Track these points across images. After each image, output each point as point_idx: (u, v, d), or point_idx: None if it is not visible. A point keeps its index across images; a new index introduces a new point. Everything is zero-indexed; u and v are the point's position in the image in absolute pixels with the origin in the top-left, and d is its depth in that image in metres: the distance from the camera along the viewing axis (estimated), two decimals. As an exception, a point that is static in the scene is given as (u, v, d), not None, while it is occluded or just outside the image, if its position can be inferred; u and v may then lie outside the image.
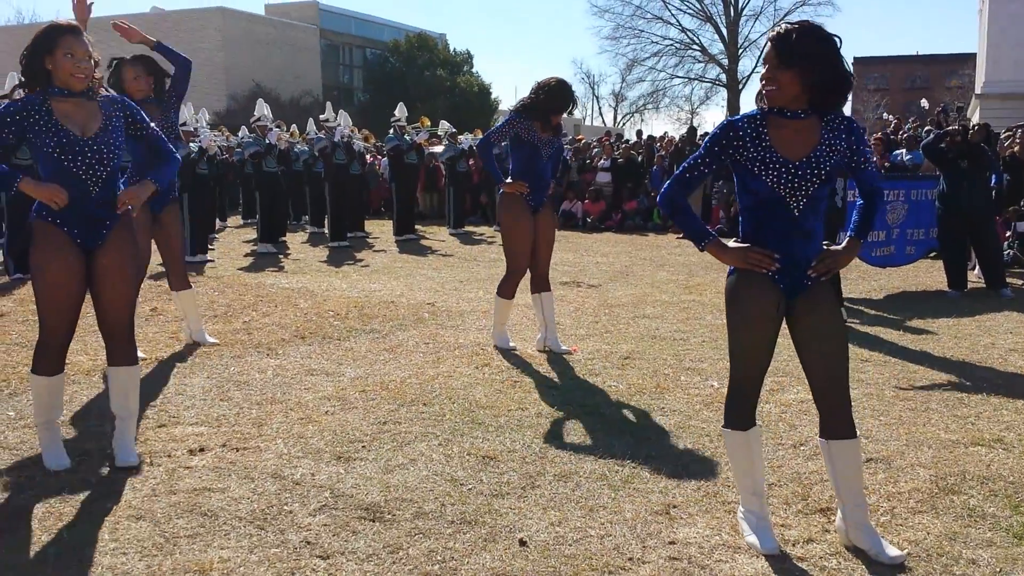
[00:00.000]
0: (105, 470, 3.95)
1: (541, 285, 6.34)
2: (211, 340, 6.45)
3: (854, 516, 3.16)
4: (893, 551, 3.08)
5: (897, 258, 9.29)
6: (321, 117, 14.50)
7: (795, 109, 3.06)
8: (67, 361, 5.65)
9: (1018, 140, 11.73)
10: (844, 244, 3.20)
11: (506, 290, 6.28)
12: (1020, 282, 9.71)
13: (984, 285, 9.10)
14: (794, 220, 3.08)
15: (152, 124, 4.10)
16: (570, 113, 6.20)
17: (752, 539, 3.19)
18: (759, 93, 3.22)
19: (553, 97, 5.94)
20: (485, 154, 6.22)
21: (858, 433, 3.20)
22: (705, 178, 3.24)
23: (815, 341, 3.13)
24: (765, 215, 3.11)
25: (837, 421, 3.15)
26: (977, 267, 10.11)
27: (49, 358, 3.93)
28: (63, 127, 3.69)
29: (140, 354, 5.94)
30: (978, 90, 33.08)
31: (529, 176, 6.08)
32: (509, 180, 6.13)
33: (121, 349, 3.98)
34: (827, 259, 3.13)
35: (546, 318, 6.33)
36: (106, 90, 4.03)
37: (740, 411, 3.25)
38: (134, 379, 4.07)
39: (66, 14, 6.06)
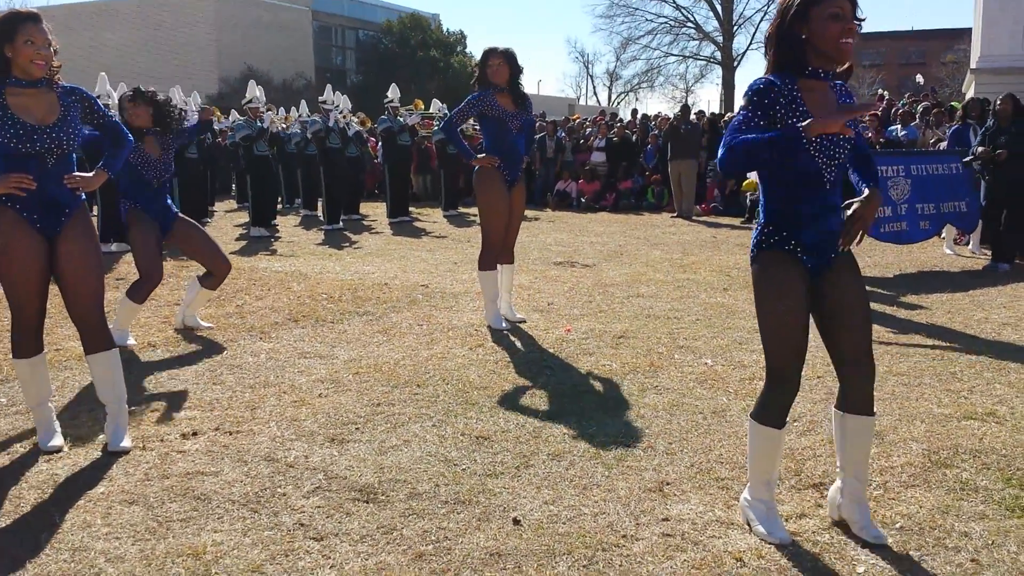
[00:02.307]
0: (98, 455, 3.94)
1: (506, 257, 6.49)
2: (205, 324, 6.42)
3: (852, 490, 3.13)
4: (877, 531, 3.07)
5: (913, 234, 9.12)
6: (320, 100, 14.38)
7: (828, 69, 2.90)
8: (59, 347, 5.71)
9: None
10: (866, 194, 3.00)
11: (487, 262, 6.36)
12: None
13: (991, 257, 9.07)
14: (826, 194, 2.94)
15: (108, 111, 4.14)
16: (512, 70, 6.08)
17: (761, 529, 3.10)
18: (779, 57, 2.91)
19: (484, 54, 6.11)
20: (452, 134, 6.34)
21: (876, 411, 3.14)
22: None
23: (843, 313, 3.00)
24: (801, 191, 2.93)
25: (860, 395, 3.07)
26: (972, 243, 10.12)
27: (25, 340, 3.95)
28: (19, 119, 3.68)
29: (131, 340, 5.95)
30: (973, 65, 32.97)
31: (501, 150, 6.14)
32: (481, 156, 6.18)
33: (95, 335, 3.95)
34: (856, 219, 2.94)
35: (503, 287, 6.53)
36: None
37: (779, 405, 3.07)
38: (115, 363, 4.04)
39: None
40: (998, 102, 8.83)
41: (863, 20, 2.88)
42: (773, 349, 3.02)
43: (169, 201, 6.00)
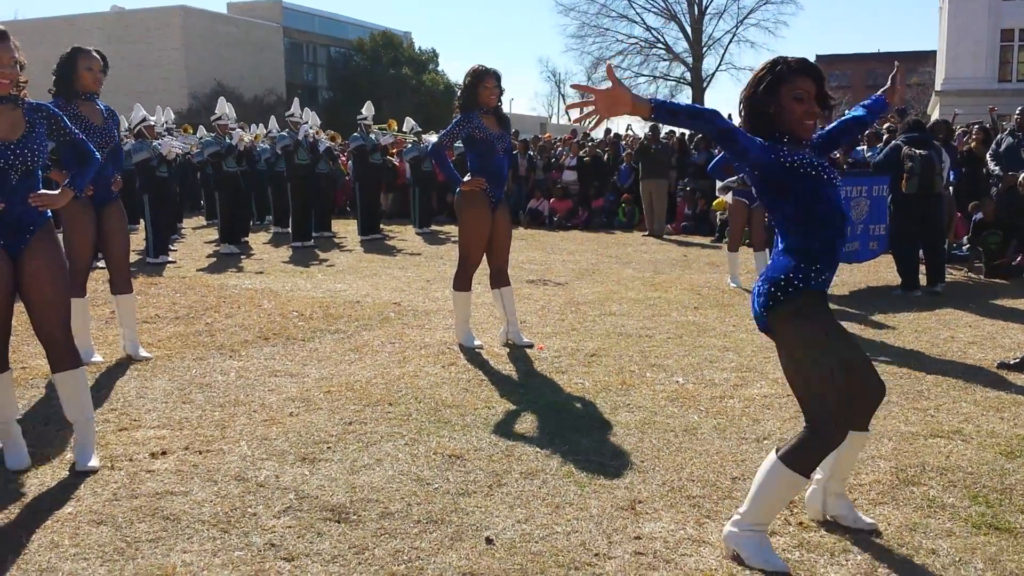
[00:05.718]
0: (65, 474, 3.88)
1: (501, 280, 6.42)
2: (144, 354, 6.05)
3: (838, 490, 3.31)
4: (868, 519, 3.30)
5: (862, 254, 9.35)
6: (287, 114, 14.34)
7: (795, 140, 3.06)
8: (26, 365, 5.63)
9: (975, 137, 11.99)
10: None
11: (462, 283, 6.33)
12: (960, 273, 9.87)
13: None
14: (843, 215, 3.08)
15: (75, 128, 4.11)
16: (501, 91, 6.17)
17: (758, 562, 3.00)
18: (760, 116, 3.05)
19: (476, 75, 6.05)
20: (440, 159, 6.20)
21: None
22: None
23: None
24: (830, 221, 3.01)
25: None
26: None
27: None
28: None
29: (99, 357, 5.88)
30: (938, 87, 33.60)
31: (487, 172, 6.15)
32: (467, 178, 6.16)
33: (61, 354, 3.90)
34: None
35: (507, 312, 6.43)
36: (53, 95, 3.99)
37: (822, 455, 3.03)
38: (82, 382, 3.99)
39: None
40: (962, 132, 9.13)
41: (834, 103, 3.06)
42: (833, 394, 2.94)
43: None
